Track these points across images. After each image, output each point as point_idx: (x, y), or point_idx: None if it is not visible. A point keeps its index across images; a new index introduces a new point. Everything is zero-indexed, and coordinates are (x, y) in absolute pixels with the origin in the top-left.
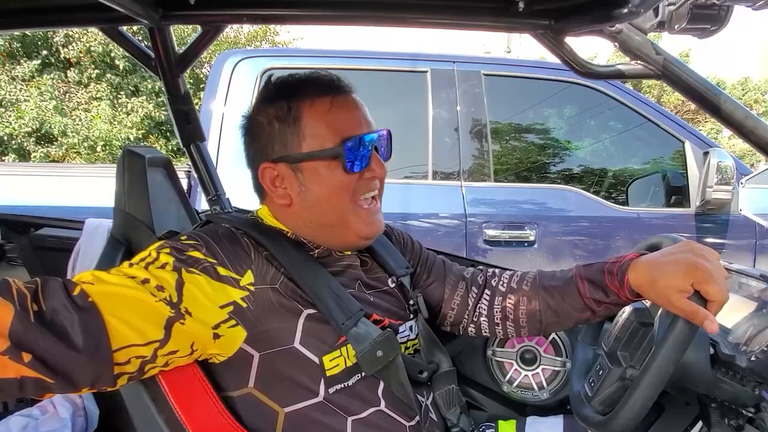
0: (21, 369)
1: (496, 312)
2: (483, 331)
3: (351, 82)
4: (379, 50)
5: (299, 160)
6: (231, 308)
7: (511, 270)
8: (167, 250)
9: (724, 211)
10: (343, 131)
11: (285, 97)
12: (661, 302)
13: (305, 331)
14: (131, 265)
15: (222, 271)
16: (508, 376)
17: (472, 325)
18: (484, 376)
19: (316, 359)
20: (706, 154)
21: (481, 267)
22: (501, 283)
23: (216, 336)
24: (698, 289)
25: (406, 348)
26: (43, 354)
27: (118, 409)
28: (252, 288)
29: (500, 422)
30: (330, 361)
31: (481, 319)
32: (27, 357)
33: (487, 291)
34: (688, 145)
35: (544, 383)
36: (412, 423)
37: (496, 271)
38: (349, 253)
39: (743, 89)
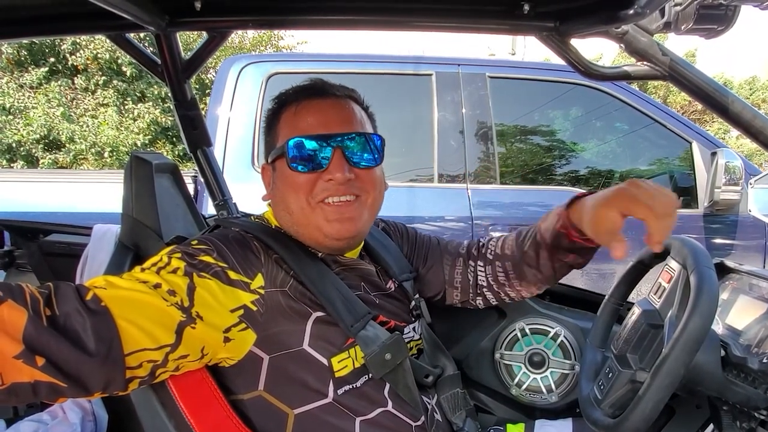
0: (34, 373)
1: (491, 281)
2: (491, 300)
3: (340, 85)
4: (383, 54)
5: (272, 160)
6: (241, 312)
7: (498, 235)
8: (178, 255)
9: (732, 212)
10: (297, 132)
11: (274, 104)
12: (593, 236)
13: (313, 334)
14: (143, 269)
15: (233, 275)
16: (516, 379)
17: (479, 298)
18: (492, 379)
19: (324, 361)
20: (713, 154)
21: (476, 239)
22: (489, 251)
23: (227, 340)
24: (626, 213)
25: (410, 348)
26: (56, 358)
27: (126, 413)
28: (262, 291)
29: (509, 426)
30: (338, 362)
31: (484, 290)
32: (40, 361)
33: (480, 262)
34: (695, 146)
35: (553, 386)
36: (418, 423)
37: (486, 240)
38: (355, 256)
39: (751, 89)
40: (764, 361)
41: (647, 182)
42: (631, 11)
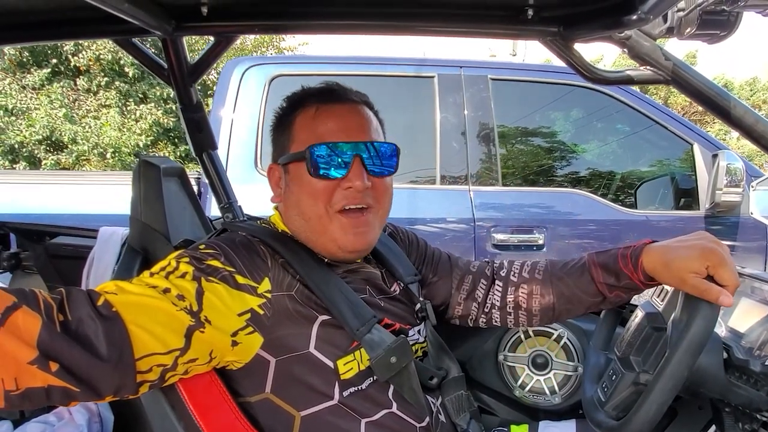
0: (48, 378)
1: (509, 302)
2: (494, 321)
3: (355, 90)
4: (386, 56)
5: (286, 162)
6: (248, 316)
7: (520, 260)
8: (187, 260)
9: (734, 214)
10: (317, 137)
11: (289, 105)
12: (674, 283)
13: (319, 337)
14: (152, 274)
15: (240, 279)
16: (519, 381)
17: (483, 317)
18: (495, 380)
19: (330, 364)
20: (715, 156)
21: (487, 260)
22: (512, 273)
23: (234, 343)
24: (712, 273)
25: (414, 352)
26: (69, 363)
27: (132, 415)
28: (269, 295)
29: (513, 427)
30: (344, 365)
31: (493, 310)
32: (54, 366)
33: (498, 282)
34: (696, 147)
35: (556, 388)
36: (423, 424)
37: (504, 262)
38: (360, 260)
39: (751, 90)
40: (766, 363)
41: (723, 244)
42: (635, 17)
